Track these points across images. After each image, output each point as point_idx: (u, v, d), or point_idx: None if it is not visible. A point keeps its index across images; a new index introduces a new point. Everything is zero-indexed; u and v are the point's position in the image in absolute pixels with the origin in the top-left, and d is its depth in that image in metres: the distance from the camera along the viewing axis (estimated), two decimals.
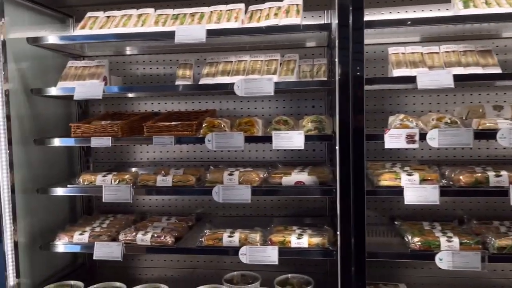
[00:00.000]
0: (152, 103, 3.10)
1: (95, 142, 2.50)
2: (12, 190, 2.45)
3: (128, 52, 3.08)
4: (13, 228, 2.45)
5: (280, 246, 2.38)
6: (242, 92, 2.32)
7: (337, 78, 2.07)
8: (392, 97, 2.82)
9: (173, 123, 2.54)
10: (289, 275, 2.66)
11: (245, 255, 2.39)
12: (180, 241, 2.58)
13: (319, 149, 2.93)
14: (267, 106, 2.97)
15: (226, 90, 2.36)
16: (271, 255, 2.36)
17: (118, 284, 2.68)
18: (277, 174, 2.48)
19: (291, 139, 2.30)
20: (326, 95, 2.89)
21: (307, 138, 2.31)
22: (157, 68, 3.07)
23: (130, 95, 3.06)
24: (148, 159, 3.14)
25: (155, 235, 2.53)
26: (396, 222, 2.66)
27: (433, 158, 2.80)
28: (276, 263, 2.35)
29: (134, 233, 2.56)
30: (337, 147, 2.10)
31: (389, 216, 2.86)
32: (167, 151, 3.11)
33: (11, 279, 2.52)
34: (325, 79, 2.52)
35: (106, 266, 3.16)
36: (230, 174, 2.50)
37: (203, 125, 2.47)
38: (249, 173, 2.50)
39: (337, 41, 2.06)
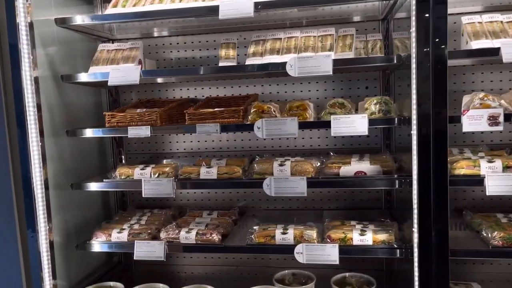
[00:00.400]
0: (188, 89, 2.86)
1: (133, 132, 2.28)
2: (46, 186, 2.25)
3: (160, 34, 2.84)
4: (48, 227, 2.25)
5: (340, 243, 2.14)
6: (295, 72, 2.06)
7: (413, 54, 1.79)
8: (456, 74, 2.53)
9: (217, 109, 2.30)
10: (347, 274, 2.42)
11: (302, 254, 2.16)
12: (227, 238, 2.35)
13: (374, 134, 2.66)
14: (314, 89, 2.70)
15: (277, 70, 2.11)
16: (331, 253, 2.12)
17: (161, 285, 2.48)
18: (334, 163, 2.23)
19: (353, 124, 2.04)
20: (382, 75, 2.61)
21: (372, 122, 2.04)
22: (193, 50, 2.82)
23: (159, 80, 2.82)
24: (185, 149, 2.91)
25: (200, 232, 2.31)
26: (464, 214, 2.38)
27: (505, 142, 2.51)
28: (337, 262, 2.11)
29: (176, 231, 2.35)
30: (413, 132, 1.83)
31: (453, 207, 2.58)
32: (205, 141, 2.88)
33: (47, 281, 2.34)
34: (383, 55, 2.25)
35: (142, 264, 2.98)
36: (281, 165, 2.26)
37: (251, 111, 2.22)
38: (302, 163, 2.25)
39: (414, 9, 1.77)
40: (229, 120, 2.25)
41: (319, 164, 2.30)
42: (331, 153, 2.44)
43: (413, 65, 1.79)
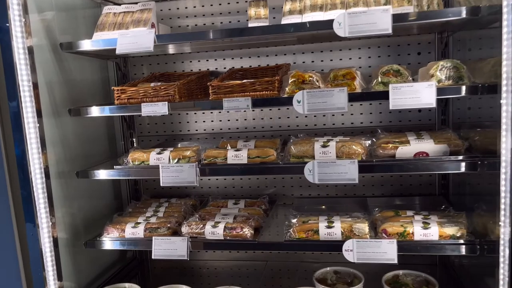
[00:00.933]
0: (207, 60, 2.48)
1: (147, 109, 1.92)
2: (47, 175, 1.91)
3: None
4: (50, 223, 1.92)
5: (399, 239, 1.79)
6: (345, 31, 1.68)
7: (505, 2, 1.40)
8: None
9: (246, 81, 1.92)
10: (400, 272, 2.07)
11: (351, 252, 1.81)
12: (260, 233, 2.01)
13: (426, 108, 2.28)
14: (356, 57, 2.31)
15: (321, 30, 1.73)
16: (387, 251, 1.78)
17: (184, 287, 2.15)
18: (389, 143, 1.86)
19: (417, 94, 1.67)
20: (437, 39, 2.21)
21: (441, 92, 1.67)
22: (212, 14, 2.43)
23: (173, 51, 2.44)
24: (205, 130, 2.55)
25: (229, 226, 1.97)
26: None
27: None
28: (395, 261, 1.77)
29: (200, 225, 2.01)
30: (503, 101, 1.45)
31: None
32: (228, 120, 2.51)
33: (52, 283, 2.01)
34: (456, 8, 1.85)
35: (160, 260, 2.64)
36: (324, 146, 1.89)
37: (289, 81, 1.85)
38: (349, 143, 1.88)
39: None
40: (262, 93, 1.87)
41: (368, 144, 1.93)
42: (379, 131, 2.06)
43: (505, 15, 1.40)
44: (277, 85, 1.88)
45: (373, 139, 1.96)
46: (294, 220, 1.96)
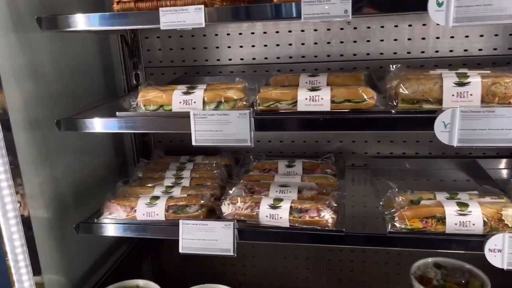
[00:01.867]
0: None
1: (170, 19, 1.14)
2: (5, 125, 1.18)
3: None
4: (16, 198, 1.22)
5: None
6: None
7: None
8: None
9: None
10: None
11: (500, 253, 1.16)
12: (338, 216, 1.33)
13: None
14: None
15: None
16: None
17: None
18: None
19: None
20: None
21: None
22: None
23: None
24: (242, 59, 1.76)
25: (297, 207, 1.28)
26: None
27: None
28: None
29: (251, 202, 1.31)
30: None
31: None
32: (277, 44, 1.72)
33: (25, 278, 1.36)
34: None
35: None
36: (460, 84, 1.16)
37: None
38: (504, 79, 1.14)
39: None
40: None
41: None
42: None
43: None
44: None
45: None
46: (399, 199, 1.27)
